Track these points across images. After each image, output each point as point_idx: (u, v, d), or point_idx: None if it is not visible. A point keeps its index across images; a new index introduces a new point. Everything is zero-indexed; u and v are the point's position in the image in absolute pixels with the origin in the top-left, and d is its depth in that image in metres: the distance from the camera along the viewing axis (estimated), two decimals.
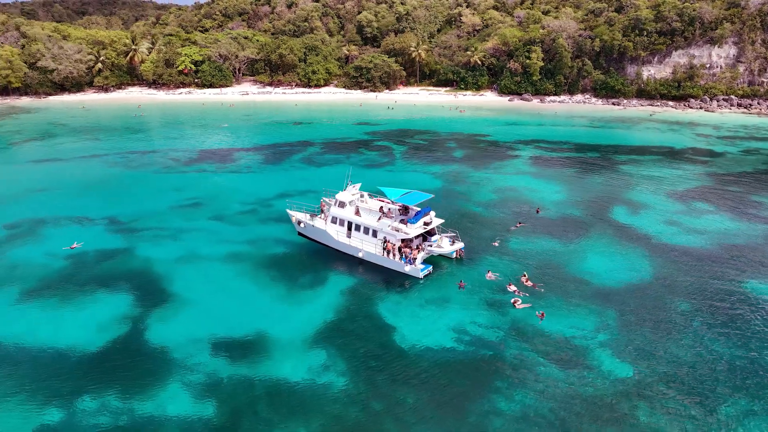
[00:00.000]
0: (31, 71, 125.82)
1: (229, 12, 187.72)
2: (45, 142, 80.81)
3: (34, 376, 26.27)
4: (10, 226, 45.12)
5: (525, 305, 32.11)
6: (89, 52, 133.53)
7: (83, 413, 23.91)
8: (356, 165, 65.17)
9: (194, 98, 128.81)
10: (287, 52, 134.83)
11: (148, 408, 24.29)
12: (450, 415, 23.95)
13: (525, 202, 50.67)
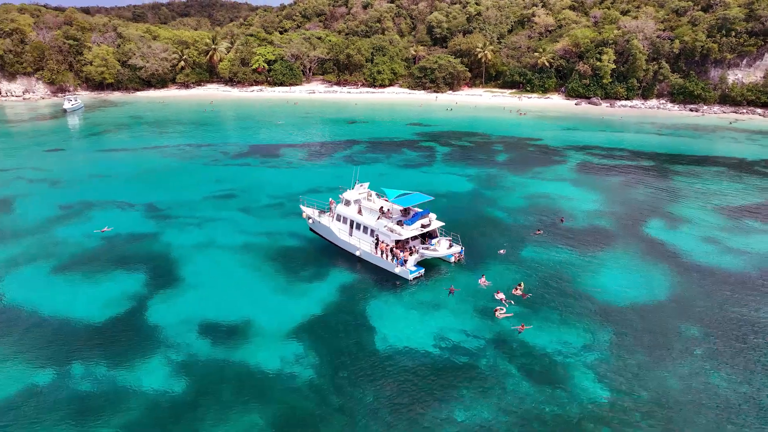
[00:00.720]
0: (123, 68, 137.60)
1: (308, 13, 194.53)
2: (118, 134, 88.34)
3: (38, 340, 29.19)
4: (65, 207, 50.03)
5: (507, 315, 31.01)
6: (174, 51, 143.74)
7: (70, 377, 26.22)
8: (393, 165, 65.55)
9: (263, 96, 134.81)
10: (354, 52, 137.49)
11: (126, 379, 26.16)
12: (403, 419, 23.76)
13: (552, 210, 48.53)
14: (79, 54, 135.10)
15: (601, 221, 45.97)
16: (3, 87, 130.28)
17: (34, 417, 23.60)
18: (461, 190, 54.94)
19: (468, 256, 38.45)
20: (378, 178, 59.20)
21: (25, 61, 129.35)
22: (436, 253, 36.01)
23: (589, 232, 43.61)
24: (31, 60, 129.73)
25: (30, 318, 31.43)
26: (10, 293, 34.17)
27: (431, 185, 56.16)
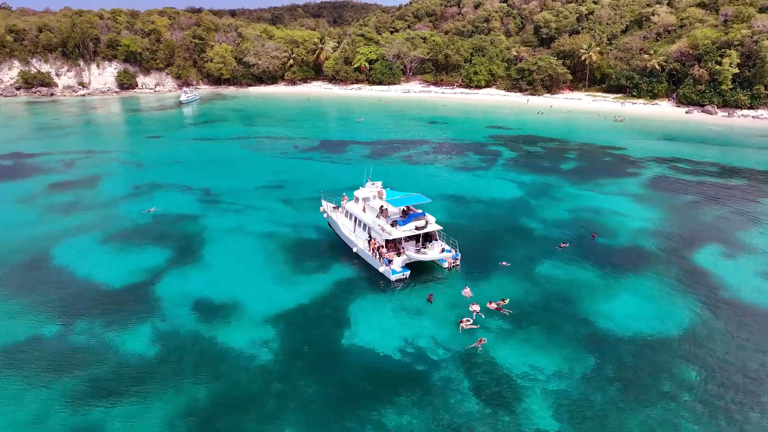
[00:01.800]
0: (238, 65, 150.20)
1: (420, 13, 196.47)
2: (213, 124, 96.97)
3: (61, 296, 33.65)
4: (136, 187, 56.58)
5: (472, 326, 29.54)
6: (285, 50, 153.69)
7: (70, 331, 29.91)
8: (449, 167, 64.53)
9: (359, 93, 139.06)
10: (453, 52, 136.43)
11: (112, 339, 29.21)
12: (331, 414, 23.91)
13: (594, 225, 44.68)
14: (202, 52, 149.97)
15: (645, 241, 41.44)
16: (139, 80, 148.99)
17: (29, 362, 27.41)
18: (505, 197, 52.62)
19: (468, 264, 37.06)
20: (427, 179, 59.18)
21: (158, 58, 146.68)
22: (425, 256, 35.21)
23: (623, 252, 39.62)
24: (163, 57, 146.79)
25: (62, 276, 36.35)
26: (59, 254, 39.70)
27: (475, 190, 54.78)
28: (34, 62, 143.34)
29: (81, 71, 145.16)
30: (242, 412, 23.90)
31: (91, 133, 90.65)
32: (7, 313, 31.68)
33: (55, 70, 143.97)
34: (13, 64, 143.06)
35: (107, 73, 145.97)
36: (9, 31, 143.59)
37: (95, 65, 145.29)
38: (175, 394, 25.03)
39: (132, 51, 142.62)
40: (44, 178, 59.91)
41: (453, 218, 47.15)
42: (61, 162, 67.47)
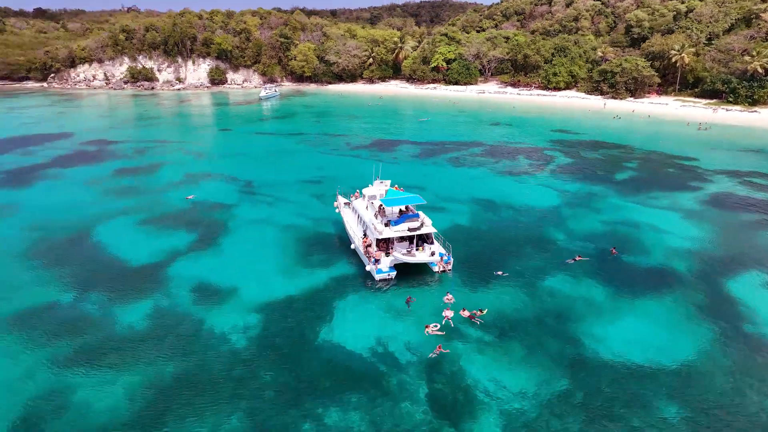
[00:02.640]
0: (320, 63, 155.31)
1: (509, 12, 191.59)
2: (281, 120, 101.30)
3: (86, 269, 37.10)
4: (188, 175, 60.76)
5: (438, 332, 28.69)
6: (365, 49, 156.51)
7: (81, 302, 32.89)
8: (493, 170, 62.56)
9: (434, 93, 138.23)
10: (532, 52, 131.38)
11: (113, 312, 31.70)
12: (278, 405, 24.35)
13: (626, 240, 41.34)
14: (287, 50, 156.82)
15: (677, 262, 37.64)
16: (229, 76, 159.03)
17: (37, 325, 30.66)
18: (539, 205, 50.09)
19: (462, 270, 35.98)
20: (465, 182, 58.01)
21: (247, 55, 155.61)
22: (412, 258, 34.60)
23: (645, 272, 36.33)
24: (251, 55, 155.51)
25: (94, 252, 40.09)
26: (99, 232, 43.78)
27: (510, 195, 52.77)
28: (141, 59, 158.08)
29: (179, 67, 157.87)
30: (198, 392, 25.07)
31: (171, 125, 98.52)
32: (37, 280, 35.62)
33: (157, 66, 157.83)
34: (124, 60, 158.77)
35: (201, 69, 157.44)
36: (122, 31, 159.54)
37: (191, 62, 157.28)
38: (146, 367, 26.81)
39: (223, 49, 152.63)
40: (114, 163, 66.21)
41: (474, 222, 45.89)
42: (134, 150, 74.15)
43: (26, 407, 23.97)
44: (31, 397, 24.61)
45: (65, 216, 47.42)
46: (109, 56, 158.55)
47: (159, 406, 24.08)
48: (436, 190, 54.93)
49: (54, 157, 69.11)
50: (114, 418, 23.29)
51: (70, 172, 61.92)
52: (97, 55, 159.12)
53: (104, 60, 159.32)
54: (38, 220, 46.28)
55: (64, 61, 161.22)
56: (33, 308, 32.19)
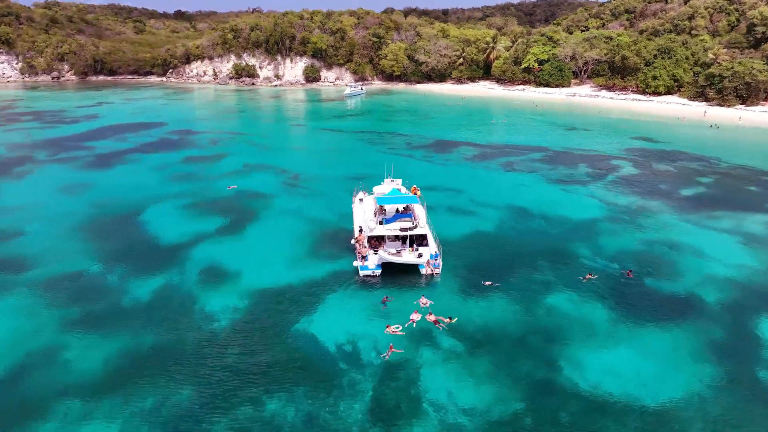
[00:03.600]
0: (410, 63, 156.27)
1: (618, 11, 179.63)
2: (355, 117, 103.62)
3: (120, 246, 41.18)
4: (247, 165, 64.80)
5: (399, 333, 28.64)
6: (456, 49, 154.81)
7: (105, 273, 36.57)
8: (544, 178, 59.45)
9: (520, 95, 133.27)
10: (631, 54, 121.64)
11: (127, 284, 34.99)
12: (228, 386, 25.45)
13: (656, 261, 37.51)
14: (379, 49, 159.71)
15: (708, 292, 33.47)
16: (323, 74, 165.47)
17: (61, 288, 34.73)
18: (577, 217, 46.86)
19: (452, 276, 34.97)
20: (508, 188, 56.03)
21: (340, 54, 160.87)
22: (398, 258, 34.25)
23: (662, 299, 32.79)
24: (344, 54, 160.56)
25: (134, 230, 44.34)
26: (146, 213, 48.21)
27: (551, 205, 50.12)
28: (245, 56, 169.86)
29: (278, 65, 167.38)
30: (164, 365, 26.97)
31: (252, 118, 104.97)
32: (77, 250, 40.25)
33: (258, 64, 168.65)
34: (231, 57, 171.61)
35: (298, 67, 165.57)
36: (231, 30, 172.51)
37: (289, 60, 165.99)
38: (130, 337, 29.34)
39: (318, 48, 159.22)
40: (186, 152, 72.28)
41: (497, 230, 44.19)
42: (209, 140, 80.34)
43: (23, 358, 27.40)
44: (31, 351, 28.04)
45: (125, 196, 52.88)
46: (218, 54, 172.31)
47: (125, 373, 26.29)
48: (473, 193, 53.53)
49: (140, 144, 77.06)
50: (85, 379, 25.84)
51: (146, 158, 68.74)
52: (208, 53, 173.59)
53: (214, 57, 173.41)
54: (102, 199, 52.15)
55: (181, 58, 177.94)
56: (64, 274, 36.52)
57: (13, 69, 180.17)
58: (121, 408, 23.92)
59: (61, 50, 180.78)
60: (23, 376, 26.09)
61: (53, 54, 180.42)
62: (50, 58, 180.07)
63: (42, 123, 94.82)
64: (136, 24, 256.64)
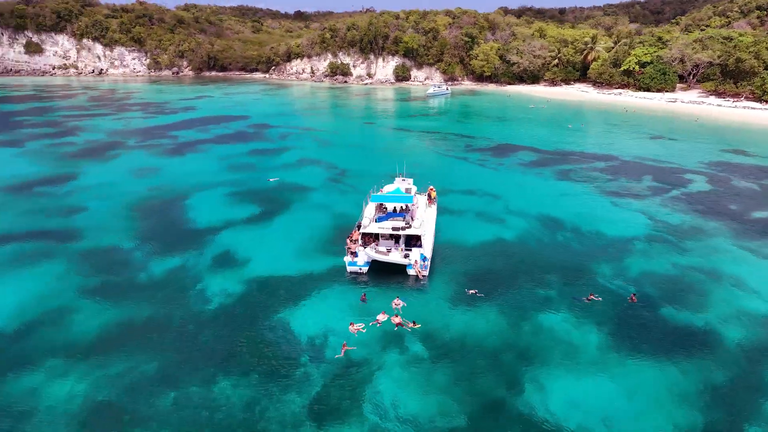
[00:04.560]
0: (501, 63, 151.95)
1: (748, 7, 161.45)
2: (427, 117, 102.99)
3: (156, 227, 45.11)
4: (300, 160, 67.44)
5: (360, 329, 28.80)
6: (551, 50, 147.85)
7: (136, 250, 40.27)
8: (598, 190, 55.35)
9: (614, 100, 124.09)
10: (748, 56, 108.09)
11: (150, 261, 38.29)
12: (197, 362, 27.11)
13: (681, 288, 33.63)
14: (470, 49, 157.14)
15: (732, 331, 29.43)
16: (413, 74, 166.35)
17: (91, 261, 38.85)
18: (613, 233, 43.16)
19: (445, 282, 33.99)
20: (549, 197, 53.46)
21: (431, 54, 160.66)
22: (383, 257, 34.17)
23: (672, 332, 29.43)
24: (434, 53, 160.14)
25: (175, 213, 48.18)
26: (192, 199, 52.13)
27: (586, 218, 46.92)
28: (341, 55, 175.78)
29: (370, 64, 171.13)
30: (145, 336, 29.16)
31: (328, 115, 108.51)
32: (119, 228, 44.70)
33: (352, 62, 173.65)
34: (327, 56, 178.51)
35: (389, 66, 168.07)
36: (330, 29, 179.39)
37: (381, 59, 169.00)
38: (130, 308, 32.15)
39: (410, 47, 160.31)
40: (254, 144, 76.80)
41: (517, 239, 42.16)
42: (279, 135, 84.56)
43: (35, 315, 31.23)
44: (44, 309, 31.80)
45: (181, 181, 57.66)
46: (316, 52, 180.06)
47: (111, 339, 28.92)
48: (510, 200, 51.37)
49: (216, 135, 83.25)
50: (77, 340, 28.85)
51: (215, 148, 74.18)
52: (307, 51, 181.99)
53: (312, 56, 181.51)
54: (161, 182, 57.35)
55: (283, 56, 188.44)
56: (100, 247, 40.90)
57: (142, 64, 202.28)
58: (93, 370, 26.44)
59: (182, 48, 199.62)
60: (28, 330, 29.76)
61: (175, 51, 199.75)
62: (172, 55, 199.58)
63: (145, 113, 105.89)
64: (254, 24, 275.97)
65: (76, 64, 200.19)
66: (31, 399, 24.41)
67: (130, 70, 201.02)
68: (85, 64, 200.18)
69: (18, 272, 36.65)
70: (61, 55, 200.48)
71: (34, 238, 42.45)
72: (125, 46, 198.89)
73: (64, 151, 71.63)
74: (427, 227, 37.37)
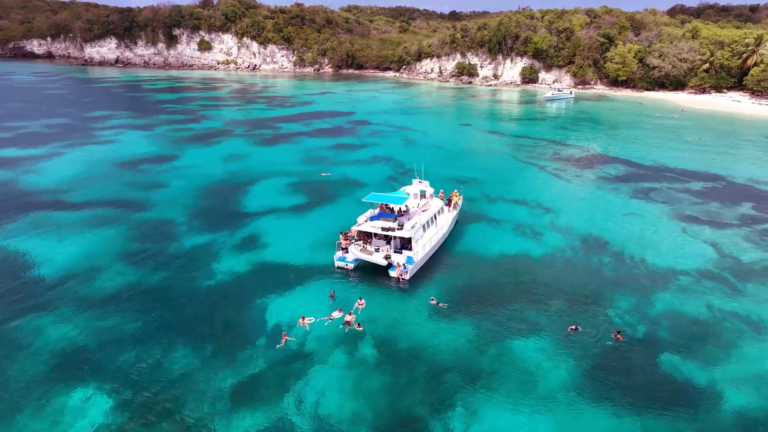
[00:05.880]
0: (639, 67, 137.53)
1: None
2: (532, 122, 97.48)
3: (205, 210, 49.90)
4: (374, 156, 69.02)
5: (309, 322, 29.91)
6: (702, 53, 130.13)
7: (185, 225, 45.14)
8: (672, 214, 48.65)
9: None
10: None
11: (190, 237, 42.67)
12: (175, 336, 30.37)
13: (688, 332, 28.58)
14: (606, 51, 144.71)
15: (742, 396, 24.47)
16: (540, 76, 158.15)
17: (142, 231, 44.42)
18: (661, 263, 37.81)
19: (424, 287, 33.16)
20: (614, 216, 48.80)
21: (561, 55, 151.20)
22: (368, 257, 34.56)
23: (661, 381, 25.54)
24: (565, 55, 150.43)
25: (234, 197, 52.70)
26: (255, 185, 56.54)
27: (647, 244, 42.51)
28: (469, 55, 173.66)
29: (497, 64, 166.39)
30: (143, 301, 32.87)
31: (432, 114, 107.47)
32: (182, 204, 50.19)
33: (480, 63, 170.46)
34: (456, 56, 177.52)
35: (517, 67, 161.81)
36: (461, 30, 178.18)
37: (509, 60, 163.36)
38: (146, 273, 36.50)
39: (539, 48, 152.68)
40: (340, 139, 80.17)
41: (545, 256, 39.35)
42: (370, 131, 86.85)
43: (72, 270, 36.78)
44: (83, 266, 37.35)
45: (256, 168, 62.76)
46: (445, 52, 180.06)
47: (118, 299, 33.22)
48: (562, 215, 47.62)
49: (314, 129, 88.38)
50: (92, 296, 33.60)
51: (305, 140, 78.88)
52: (437, 51, 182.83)
53: (441, 55, 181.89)
54: (239, 168, 63.03)
55: (414, 56, 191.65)
56: (157, 219, 46.63)
57: (289, 61, 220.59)
58: (90, 321, 30.74)
59: (324, 46, 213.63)
60: (62, 280, 35.35)
61: (318, 50, 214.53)
62: (315, 53, 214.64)
63: (267, 105, 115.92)
64: (402, 24, 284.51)
65: (235, 60, 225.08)
66: (33, 336, 29.31)
67: (278, 66, 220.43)
68: (243, 60, 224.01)
69: (83, 232, 43.56)
70: (225, 52, 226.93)
71: (113, 205, 49.86)
72: (276, 44, 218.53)
73: (180, 135, 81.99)
74: (422, 231, 36.50)
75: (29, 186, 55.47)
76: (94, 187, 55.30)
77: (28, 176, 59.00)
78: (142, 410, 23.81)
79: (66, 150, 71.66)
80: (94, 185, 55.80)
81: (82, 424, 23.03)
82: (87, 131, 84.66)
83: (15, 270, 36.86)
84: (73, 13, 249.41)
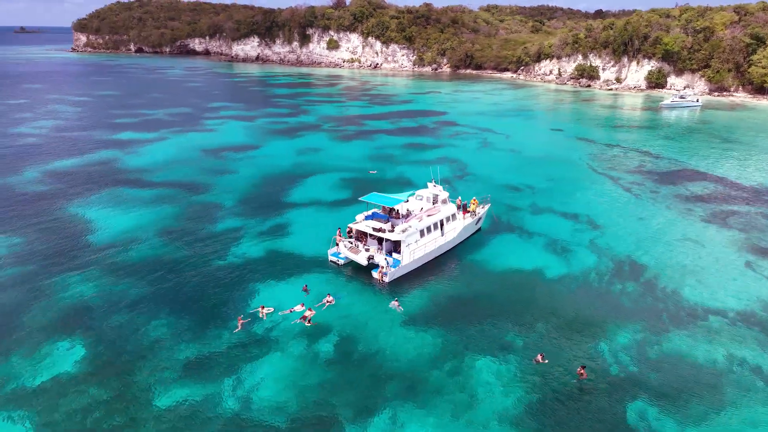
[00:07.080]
0: None
1: None
2: (629, 130, 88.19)
3: (258, 197, 53.20)
4: (442, 157, 68.01)
5: (266, 313, 31.04)
6: None
7: (225, 209, 48.81)
8: (743, 245, 41.32)
9: None
10: None
11: (222, 221, 46.13)
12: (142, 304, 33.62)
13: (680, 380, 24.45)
14: (753, 53, 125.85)
15: None
16: (670, 80, 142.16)
17: (189, 210, 48.75)
18: (704, 302, 32.70)
19: (406, 292, 32.48)
20: (669, 244, 43.96)
21: (696, 58, 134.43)
22: (354, 256, 34.77)
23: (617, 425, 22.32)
24: (701, 58, 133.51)
25: (281, 189, 55.43)
26: (307, 178, 58.93)
27: (687, 275, 36.69)
28: (591, 57, 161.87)
29: (621, 67, 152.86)
30: (153, 272, 36.19)
31: (524, 117, 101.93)
32: (237, 189, 54.06)
33: (602, 65, 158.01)
34: (577, 58, 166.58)
35: (642, 70, 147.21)
36: (586, 29, 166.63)
37: (635, 62, 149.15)
38: (171, 251, 40.06)
39: (669, 50, 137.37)
40: (416, 139, 79.99)
41: (562, 276, 36.14)
42: (452, 133, 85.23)
43: (113, 240, 41.56)
44: (123, 238, 42.07)
45: (322, 162, 65.36)
46: (566, 53, 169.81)
47: (137, 270, 36.78)
48: (609, 234, 43.41)
49: (397, 127, 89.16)
50: (118, 265, 37.70)
51: (381, 138, 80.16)
52: (557, 52, 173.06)
53: (561, 57, 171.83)
54: (306, 161, 66.17)
55: (533, 56, 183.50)
56: (209, 202, 50.85)
57: (408, 60, 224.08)
58: (107, 286, 34.55)
59: (444, 46, 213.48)
60: (104, 248, 40.12)
61: (438, 49, 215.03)
62: (435, 52, 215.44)
63: (367, 103, 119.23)
64: (534, 24, 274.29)
65: (359, 59, 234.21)
66: (57, 290, 33.97)
67: (398, 65, 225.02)
68: (366, 59, 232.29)
69: (144, 207, 48.97)
70: (350, 50, 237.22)
71: (180, 187, 55.35)
72: (398, 43, 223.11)
73: (273, 128, 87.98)
74: (417, 236, 35.59)
75: (125, 165, 63.72)
76: (173, 169, 61.87)
77: (129, 156, 67.74)
78: (102, 366, 26.54)
79: (172, 135, 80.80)
80: (174, 168, 62.41)
81: (52, 371, 26.37)
82: (198, 120, 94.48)
83: (75, 233, 42.90)
84: (228, 15, 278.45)
